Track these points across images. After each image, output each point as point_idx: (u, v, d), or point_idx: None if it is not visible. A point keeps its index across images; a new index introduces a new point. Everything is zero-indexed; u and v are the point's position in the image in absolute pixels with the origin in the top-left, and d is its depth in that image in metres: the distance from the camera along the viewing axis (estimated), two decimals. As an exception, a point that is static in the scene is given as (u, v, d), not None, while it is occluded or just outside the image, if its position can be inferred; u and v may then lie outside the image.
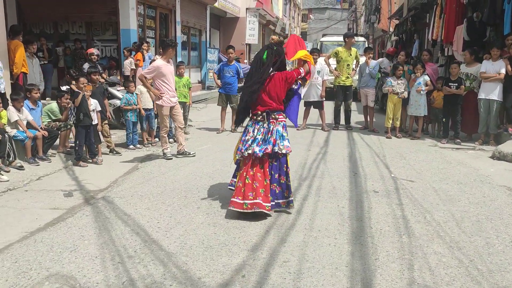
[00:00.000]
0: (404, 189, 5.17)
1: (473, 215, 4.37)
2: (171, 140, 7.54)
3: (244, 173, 4.22)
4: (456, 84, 7.84)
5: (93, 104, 6.56)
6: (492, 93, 7.52)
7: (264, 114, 4.30)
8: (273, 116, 4.31)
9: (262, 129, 4.29)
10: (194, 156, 6.83)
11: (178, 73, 8.38)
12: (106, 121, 7.16)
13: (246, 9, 23.09)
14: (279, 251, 3.51)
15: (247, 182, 4.17)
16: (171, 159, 6.62)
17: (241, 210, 4.14)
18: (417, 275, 3.15)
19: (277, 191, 4.35)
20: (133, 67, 11.03)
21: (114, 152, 7.10)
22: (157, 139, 7.90)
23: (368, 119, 9.38)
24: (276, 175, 4.34)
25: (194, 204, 4.61)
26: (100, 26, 11.74)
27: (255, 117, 4.35)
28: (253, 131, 4.31)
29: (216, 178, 5.61)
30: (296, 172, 5.90)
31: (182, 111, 8.59)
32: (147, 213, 4.35)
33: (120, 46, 11.03)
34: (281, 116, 4.38)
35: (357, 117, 10.71)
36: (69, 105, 6.96)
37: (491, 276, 3.14)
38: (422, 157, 6.83)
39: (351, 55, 9.23)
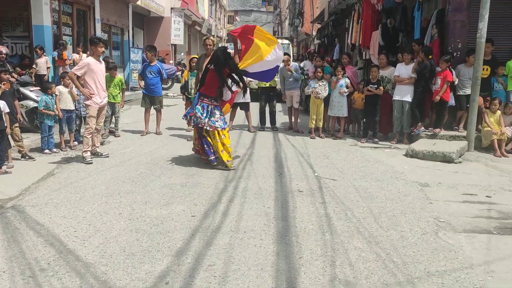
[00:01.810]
0: (327, 188, 5.34)
1: (389, 210, 4.62)
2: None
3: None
4: (376, 86, 8.28)
5: (1, 105, 6.03)
6: (405, 95, 8.03)
7: None
8: None
9: None
10: (107, 157, 6.63)
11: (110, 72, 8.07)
12: (17, 124, 6.63)
13: (171, 8, 22.70)
14: (204, 255, 3.45)
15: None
16: (91, 163, 6.29)
17: None
18: (339, 271, 3.25)
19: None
20: (49, 65, 10.36)
21: (27, 157, 6.59)
22: (76, 142, 7.48)
23: (293, 120, 9.59)
24: None
25: (116, 210, 4.41)
26: (10, 22, 10.85)
27: None
28: None
29: (140, 182, 5.42)
30: (222, 173, 5.88)
31: (110, 113, 8.30)
32: (63, 221, 4.08)
33: (32, 43, 10.28)
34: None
35: (282, 118, 10.93)
36: None
37: (406, 268, 3.33)
38: (344, 156, 7.12)
39: None
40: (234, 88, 6.47)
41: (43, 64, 10.14)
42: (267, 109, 9.68)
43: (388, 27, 10.26)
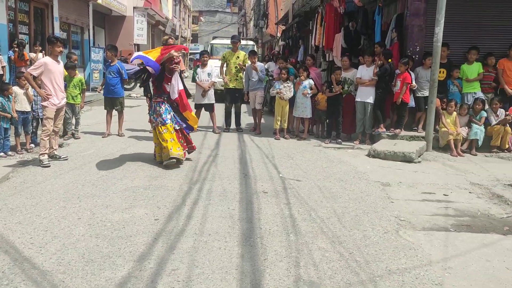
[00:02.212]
0: (291, 189, 5.37)
1: (352, 210, 4.69)
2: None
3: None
4: (340, 87, 8.43)
5: None
6: (367, 96, 8.21)
7: None
8: None
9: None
10: (66, 159, 6.46)
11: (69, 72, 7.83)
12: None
13: (134, 8, 22.30)
14: (167, 259, 3.39)
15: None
16: (49, 166, 6.06)
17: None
18: (303, 272, 3.27)
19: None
20: (4, 64, 9.93)
21: (-20, 160, 6.29)
22: (32, 145, 7.20)
23: (257, 121, 9.57)
24: None
25: (75, 215, 4.26)
26: (-37, 20, 10.35)
27: None
28: None
29: (100, 185, 5.27)
30: (187, 175, 5.81)
31: (71, 115, 8.05)
32: (19, 228, 3.90)
33: (-14, 42, 9.84)
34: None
35: (247, 119, 10.93)
36: None
37: (368, 267, 3.38)
38: (308, 157, 7.19)
39: (238, 57, 9.37)
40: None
41: None
42: (232, 110, 9.65)
43: (350, 30, 10.45)
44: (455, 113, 7.92)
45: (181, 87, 6.68)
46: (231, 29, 57.32)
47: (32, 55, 10.80)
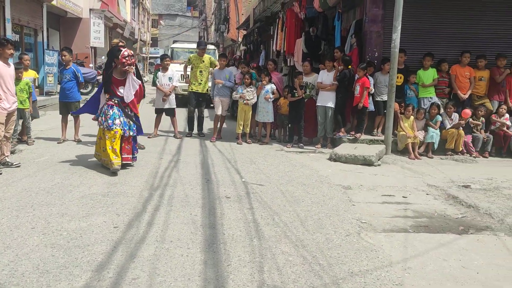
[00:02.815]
0: (254, 193, 5.35)
1: (315, 213, 4.72)
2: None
3: None
4: (302, 91, 8.51)
5: None
6: (327, 101, 8.34)
7: None
8: None
9: None
10: (18, 166, 6.18)
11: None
12: None
13: (90, 10, 21.69)
14: (128, 268, 3.28)
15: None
16: (0, 173, 5.76)
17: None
18: (267, 277, 3.25)
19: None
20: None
21: None
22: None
23: (218, 126, 9.39)
24: None
25: (28, 224, 4.06)
26: None
27: None
28: None
29: (56, 193, 5.05)
30: (147, 181, 5.67)
31: (21, 120, 7.68)
32: (-34, 240, 3.67)
33: None
34: None
35: (209, 124, 10.83)
36: None
37: (331, 269, 3.41)
38: (270, 161, 7.20)
39: (203, 61, 9.28)
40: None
41: None
42: (195, 114, 9.52)
43: (311, 35, 10.61)
44: (412, 117, 8.18)
45: (137, 86, 6.34)
46: (191, 33, 57.01)
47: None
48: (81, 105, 8.04)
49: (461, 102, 8.61)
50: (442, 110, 8.39)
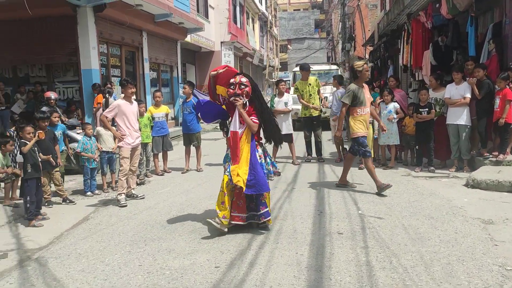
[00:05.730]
0: (371, 228, 4.77)
1: (443, 256, 3.97)
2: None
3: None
4: (427, 109, 7.60)
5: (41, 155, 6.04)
6: (459, 117, 7.28)
7: None
8: None
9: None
10: (143, 198, 6.53)
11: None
12: (57, 169, 6.67)
13: (221, 42, 23.09)
14: (220, 318, 3.05)
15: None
16: (125, 206, 6.15)
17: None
18: None
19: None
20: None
21: (67, 201, 6.60)
22: (117, 183, 7.45)
23: (340, 149, 9.02)
24: None
25: (137, 261, 4.13)
26: (61, 68, 11.37)
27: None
28: None
29: (169, 226, 5.15)
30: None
31: (144, 153, 8.21)
32: (80, 276, 3.85)
33: (82, 87, 10.63)
34: None
35: (331, 147, 10.39)
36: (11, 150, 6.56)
37: (459, 338, 2.72)
38: (394, 189, 6.45)
39: (310, 84, 9.00)
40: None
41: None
42: (312, 138, 9.24)
43: (440, 45, 9.55)
44: None
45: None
46: (320, 54, 57.18)
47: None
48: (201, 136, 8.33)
49: None
50: None
